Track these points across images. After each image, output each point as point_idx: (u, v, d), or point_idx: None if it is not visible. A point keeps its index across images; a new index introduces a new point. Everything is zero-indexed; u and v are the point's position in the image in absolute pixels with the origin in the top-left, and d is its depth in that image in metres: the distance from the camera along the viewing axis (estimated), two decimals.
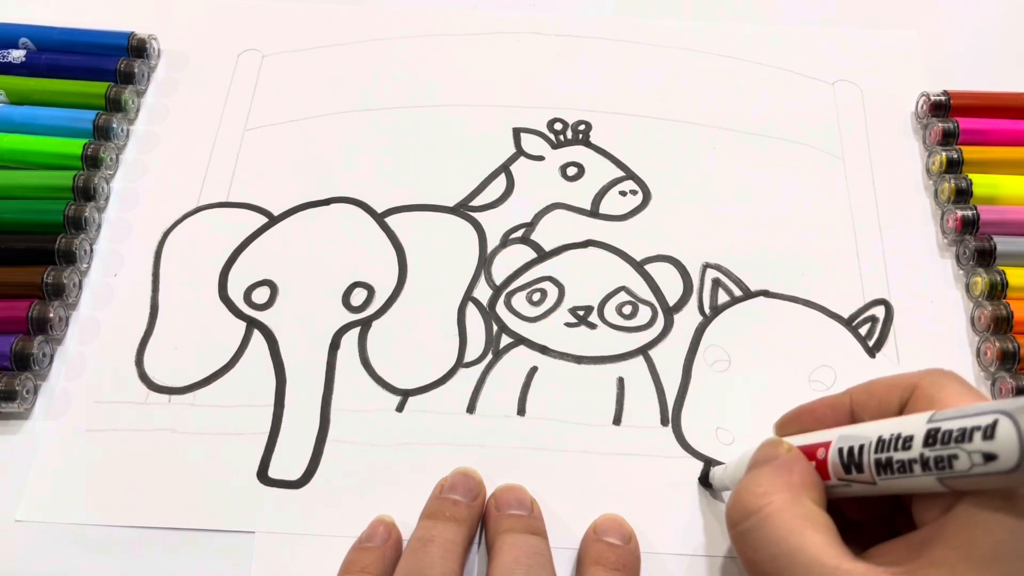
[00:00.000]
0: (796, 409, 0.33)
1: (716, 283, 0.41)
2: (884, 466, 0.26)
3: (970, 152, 0.43)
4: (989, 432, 0.23)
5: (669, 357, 0.39)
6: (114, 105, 0.45)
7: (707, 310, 0.40)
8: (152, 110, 0.47)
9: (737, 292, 0.41)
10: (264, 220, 0.43)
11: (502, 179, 0.44)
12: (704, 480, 0.36)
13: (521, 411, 0.38)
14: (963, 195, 0.42)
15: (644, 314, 0.40)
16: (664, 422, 0.38)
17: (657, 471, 0.36)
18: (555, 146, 0.45)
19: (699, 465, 0.36)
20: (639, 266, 0.41)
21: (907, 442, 0.26)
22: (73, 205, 0.42)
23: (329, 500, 0.36)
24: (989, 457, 0.23)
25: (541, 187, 0.44)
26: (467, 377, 0.39)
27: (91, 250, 0.42)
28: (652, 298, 0.41)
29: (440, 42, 0.49)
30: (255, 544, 0.35)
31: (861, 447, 0.27)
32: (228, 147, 0.45)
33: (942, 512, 0.26)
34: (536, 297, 0.41)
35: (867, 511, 0.31)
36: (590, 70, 0.48)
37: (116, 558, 0.35)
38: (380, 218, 0.43)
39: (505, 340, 0.40)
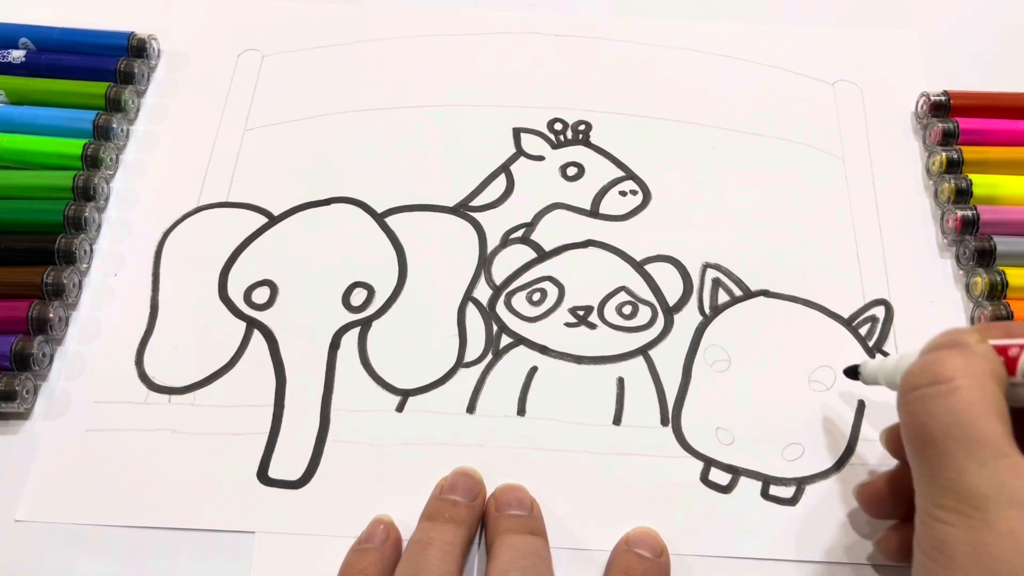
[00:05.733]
0: (991, 324, 0.33)
1: (716, 283, 0.41)
2: None
3: (970, 152, 0.43)
4: None
5: (669, 357, 0.39)
6: (114, 105, 0.45)
7: (707, 310, 0.40)
8: (152, 110, 0.47)
9: (737, 292, 0.41)
10: (264, 220, 0.43)
11: (502, 179, 0.44)
12: (851, 373, 0.35)
13: (521, 411, 0.38)
14: (963, 195, 0.42)
15: (644, 314, 0.40)
16: (664, 422, 0.38)
17: (657, 471, 0.36)
18: (555, 146, 0.45)
19: (699, 465, 0.36)
20: (639, 266, 0.41)
21: None
22: (73, 205, 0.42)
23: (329, 500, 0.36)
24: None
25: (541, 187, 0.44)
26: (467, 377, 0.39)
27: (91, 250, 0.42)
28: (652, 298, 0.41)
29: (440, 42, 0.49)
30: (255, 544, 0.35)
31: None
32: (228, 147, 0.45)
33: None
34: (536, 297, 0.41)
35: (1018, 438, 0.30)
36: (590, 70, 0.48)
37: (116, 558, 0.35)
38: (380, 218, 0.43)
39: (505, 340, 0.40)
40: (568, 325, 0.40)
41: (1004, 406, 0.27)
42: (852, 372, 0.36)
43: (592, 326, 0.40)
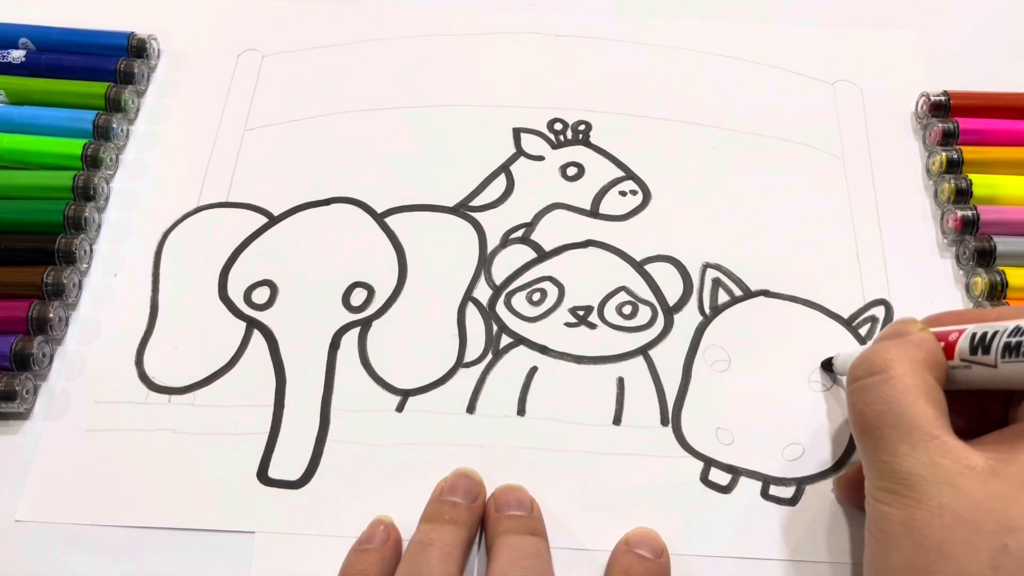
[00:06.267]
0: (943, 312, 0.34)
1: (716, 283, 0.41)
2: (1012, 349, 0.28)
3: (970, 152, 0.43)
4: None
5: (669, 357, 0.39)
6: (114, 105, 0.45)
7: (707, 310, 0.40)
8: (152, 110, 0.47)
9: (737, 292, 0.41)
10: (264, 220, 0.43)
11: (502, 179, 0.44)
12: (827, 365, 0.38)
13: (521, 411, 0.38)
14: (963, 195, 0.42)
15: (644, 314, 0.40)
16: (664, 422, 0.38)
17: (657, 471, 0.36)
18: (555, 146, 0.45)
19: (699, 465, 0.36)
20: (639, 266, 0.41)
21: None
22: (73, 205, 0.42)
23: (329, 500, 0.36)
24: None
25: (541, 187, 0.44)
26: (467, 377, 0.39)
27: (91, 250, 0.42)
28: (652, 298, 0.41)
29: (440, 42, 0.49)
30: (255, 544, 0.35)
31: (995, 332, 0.28)
32: (228, 147, 0.45)
33: None
34: (536, 297, 0.41)
35: (973, 419, 0.31)
36: (590, 70, 0.48)
37: (116, 558, 0.35)
38: (380, 218, 0.43)
39: (505, 340, 0.40)
40: (568, 325, 0.40)
41: (937, 390, 0.29)
42: (828, 364, 0.38)
43: (592, 326, 0.40)
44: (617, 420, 0.38)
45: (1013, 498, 0.26)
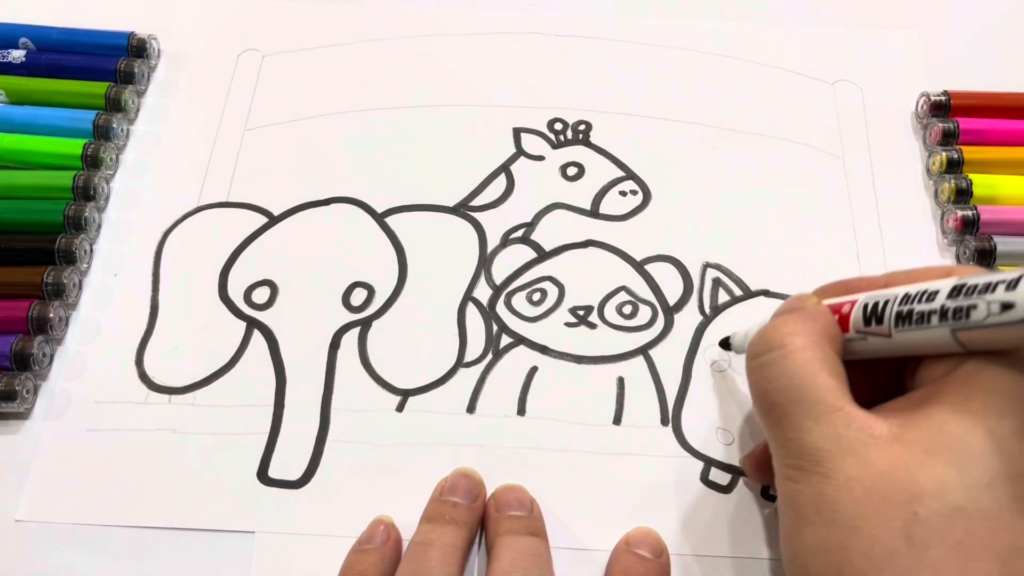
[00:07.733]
0: (833, 282, 0.34)
1: (716, 283, 0.41)
2: (904, 318, 0.28)
3: (970, 152, 0.43)
4: (1012, 284, 0.24)
5: (669, 357, 0.39)
6: (114, 105, 0.45)
7: (707, 310, 0.40)
8: (152, 110, 0.47)
9: (737, 292, 0.41)
10: (264, 220, 0.43)
11: (502, 179, 0.44)
12: (725, 343, 0.38)
13: (521, 411, 0.38)
14: (963, 195, 0.42)
15: (644, 314, 0.40)
16: (664, 422, 0.38)
17: (657, 471, 0.36)
18: (555, 146, 0.45)
19: (699, 465, 0.36)
20: (639, 266, 0.41)
21: (932, 295, 0.27)
22: (73, 205, 0.42)
23: (329, 500, 0.36)
24: (1006, 306, 0.24)
25: (541, 187, 0.44)
26: (467, 377, 0.39)
27: (91, 250, 0.42)
28: (652, 298, 0.41)
29: (440, 42, 0.49)
30: (255, 544, 0.35)
31: (886, 302, 0.28)
32: (228, 147, 0.45)
33: (946, 373, 0.27)
34: (536, 297, 0.41)
35: (868, 388, 0.31)
36: (590, 70, 0.48)
37: (116, 558, 0.35)
38: (380, 218, 0.43)
39: (505, 340, 0.40)
40: (568, 325, 0.40)
41: (836, 362, 0.29)
42: (726, 343, 0.38)
43: (592, 326, 0.40)
44: (617, 420, 0.38)
45: (918, 464, 0.26)
